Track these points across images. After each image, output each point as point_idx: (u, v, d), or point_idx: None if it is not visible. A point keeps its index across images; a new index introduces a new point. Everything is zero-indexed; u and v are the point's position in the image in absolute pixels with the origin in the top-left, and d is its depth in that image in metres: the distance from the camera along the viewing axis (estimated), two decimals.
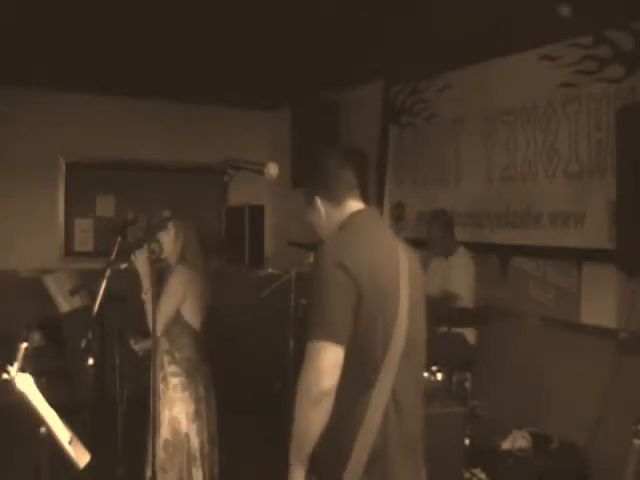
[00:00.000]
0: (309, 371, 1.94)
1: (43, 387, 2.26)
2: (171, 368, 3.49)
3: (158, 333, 3.36)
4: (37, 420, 2.19)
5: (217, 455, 3.63)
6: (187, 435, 3.47)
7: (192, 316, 3.52)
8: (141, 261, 3.36)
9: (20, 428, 2.31)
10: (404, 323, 2.04)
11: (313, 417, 1.94)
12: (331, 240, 2.17)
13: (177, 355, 3.50)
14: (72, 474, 2.24)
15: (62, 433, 2.24)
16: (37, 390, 2.23)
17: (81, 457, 2.27)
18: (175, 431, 3.45)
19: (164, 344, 3.51)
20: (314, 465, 2.03)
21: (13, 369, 2.16)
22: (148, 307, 3.34)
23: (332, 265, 1.98)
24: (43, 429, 2.20)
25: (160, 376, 3.50)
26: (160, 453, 3.43)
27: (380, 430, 1.98)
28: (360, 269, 1.98)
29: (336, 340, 1.93)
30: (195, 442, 3.49)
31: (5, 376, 2.15)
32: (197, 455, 3.49)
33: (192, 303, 3.50)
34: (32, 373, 2.23)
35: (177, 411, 3.47)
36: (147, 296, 3.35)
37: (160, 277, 3.49)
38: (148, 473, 3.40)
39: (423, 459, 2.17)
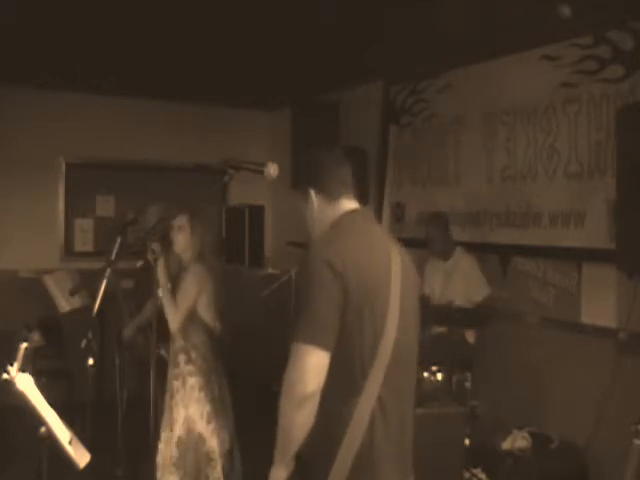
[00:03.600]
0: (293, 373, 1.91)
1: (43, 387, 2.25)
2: (188, 367, 3.51)
3: (174, 330, 3.46)
4: (37, 420, 2.19)
5: (238, 454, 3.63)
6: (201, 435, 3.47)
7: (207, 313, 3.55)
8: (161, 267, 3.43)
9: (20, 428, 2.31)
10: (394, 323, 2.01)
11: (296, 419, 1.91)
12: (320, 239, 2.14)
13: (193, 354, 3.52)
14: (72, 474, 2.24)
15: (62, 433, 2.23)
16: (37, 390, 2.23)
17: (81, 457, 2.26)
18: (189, 430, 3.46)
19: (179, 341, 3.53)
20: (299, 468, 2.01)
21: (13, 369, 2.16)
22: (167, 305, 3.41)
23: (319, 263, 1.95)
24: (43, 429, 2.20)
25: (175, 373, 3.52)
26: (173, 451, 3.45)
27: (366, 435, 1.95)
28: (347, 268, 1.94)
29: (322, 344, 1.90)
30: (212, 443, 3.48)
31: (5, 376, 2.15)
32: (215, 456, 3.48)
33: (207, 301, 3.54)
34: (32, 373, 2.23)
35: (192, 411, 3.48)
36: (165, 296, 3.41)
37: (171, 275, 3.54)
38: (159, 474, 3.43)
39: (412, 463, 2.14)
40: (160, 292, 3.43)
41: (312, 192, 2.19)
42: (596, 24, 3.98)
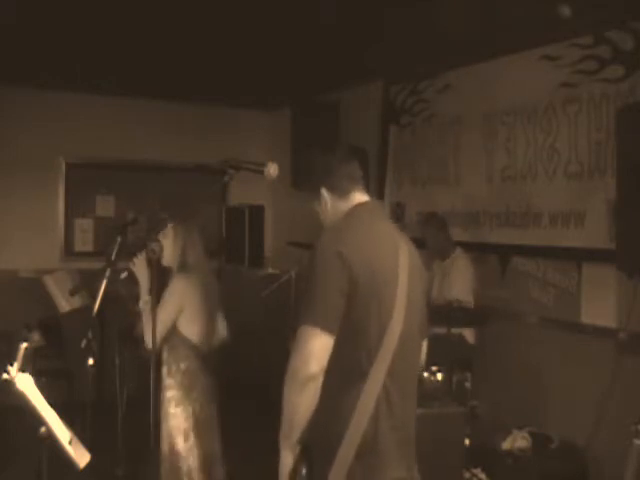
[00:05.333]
0: (297, 355, 1.96)
1: (43, 387, 2.25)
2: (167, 380, 3.35)
3: (147, 345, 3.18)
4: (37, 420, 2.19)
5: (223, 474, 3.44)
6: (179, 453, 3.31)
7: (189, 328, 3.33)
8: (140, 267, 3.27)
9: (20, 428, 2.31)
10: (401, 315, 2.05)
11: (299, 401, 1.95)
12: (330, 229, 2.20)
13: (174, 367, 3.34)
14: (72, 474, 2.24)
15: (62, 433, 2.23)
16: (37, 390, 2.23)
17: (81, 457, 2.26)
18: (171, 446, 3.32)
19: (164, 353, 3.36)
20: (304, 453, 2.03)
21: (13, 369, 2.16)
22: (146, 318, 3.19)
23: (328, 252, 2.01)
24: (43, 429, 2.20)
25: (161, 385, 3.36)
26: (165, 463, 3.33)
27: (371, 421, 1.99)
28: (356, 258, 1.99)
29: (326, 327, 1.94)
30: (190, 461, 3.31)
31: (5, 376, 2.15)
32: (194, 475, 3.30)
33: (190, 313, 3.32)
34: (32, 373, 2.23)
35: (171, 425, 3.33)
36: (146, 307, 3.21)
37: (162, 283, 3.38)
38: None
39: (415, 454, 2.16)
40: (142, 304, 3.26)
41: (324, 192, 2.25)
42: (596, 24, 3.98)
